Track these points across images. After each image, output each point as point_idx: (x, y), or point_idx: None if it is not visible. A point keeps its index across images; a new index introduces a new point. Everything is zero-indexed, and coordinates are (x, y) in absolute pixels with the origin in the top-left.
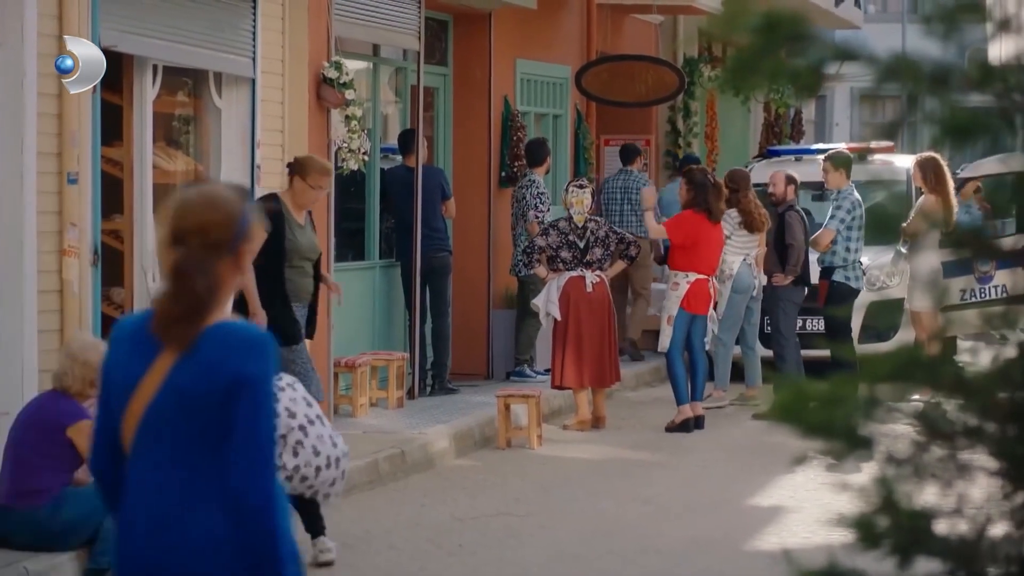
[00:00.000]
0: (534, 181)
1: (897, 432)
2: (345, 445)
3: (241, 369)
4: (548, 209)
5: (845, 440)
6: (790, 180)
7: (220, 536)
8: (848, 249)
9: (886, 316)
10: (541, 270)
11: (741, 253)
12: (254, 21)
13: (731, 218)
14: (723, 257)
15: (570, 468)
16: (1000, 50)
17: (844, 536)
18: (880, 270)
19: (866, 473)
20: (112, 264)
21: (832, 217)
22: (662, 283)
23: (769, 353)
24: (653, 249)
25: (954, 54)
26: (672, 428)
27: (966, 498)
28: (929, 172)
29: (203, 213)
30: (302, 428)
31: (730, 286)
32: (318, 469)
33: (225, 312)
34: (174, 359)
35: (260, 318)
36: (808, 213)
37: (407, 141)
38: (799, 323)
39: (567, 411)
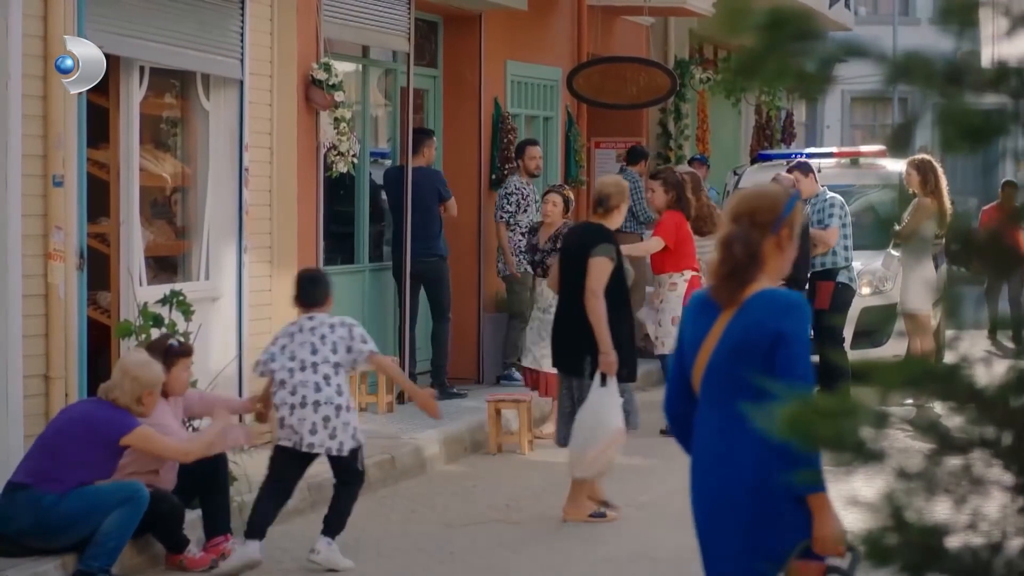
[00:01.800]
0: (505, 181)
1: (908, 445)
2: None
3: (780, 326)
4: (522, 208)
5: (855, 453)
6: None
7: (757, 470)
8: (847, 248)
9: (880, 321)
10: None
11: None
12: (242, 22)
13: None
14: None
15: (562, 474)
16: (998, 49)
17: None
18: (873, 274)
19: (874, 486)
20: (98, 268)
21: (831, 216)
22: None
23: None
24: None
25: (967, 52)
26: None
27: (980, 513)
28: (924, 174)
29: (754, 200)
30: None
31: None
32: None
33: (770, 283)
34: (728, 318)
35: (611, 359)
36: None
37: (416, 141)
38: None
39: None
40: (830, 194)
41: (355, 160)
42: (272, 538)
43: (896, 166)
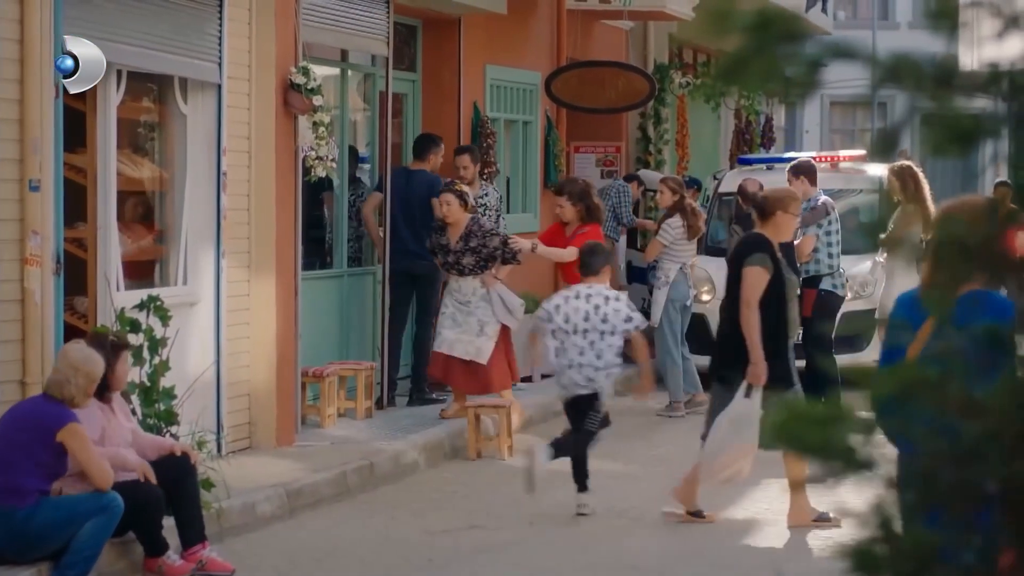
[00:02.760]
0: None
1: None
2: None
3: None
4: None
5: (844, 462)
6: (739, 192)
7: None
8: (831, 255)
9: (862, 326)
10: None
11: (679, 261)
12: (220, 26)
13: (672, 227)
14: (660, 264)
15: (541, 480)
16: (989, 51)
17: (823, 550)
18: (854, 279)
19: (863, 496)
20: (75, 273)
21: (809, 224)
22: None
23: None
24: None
25: (947, 55)
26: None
27: (973, 526)
28: (903, 181)
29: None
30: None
31: (666, 292)
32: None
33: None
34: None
35: (759, 370)
36: None
37: (423, 146)
38: None
39: (537, 421)
40: (822, 199)
41: (334, 165)
42: (249, 544)
43: (877, 170)
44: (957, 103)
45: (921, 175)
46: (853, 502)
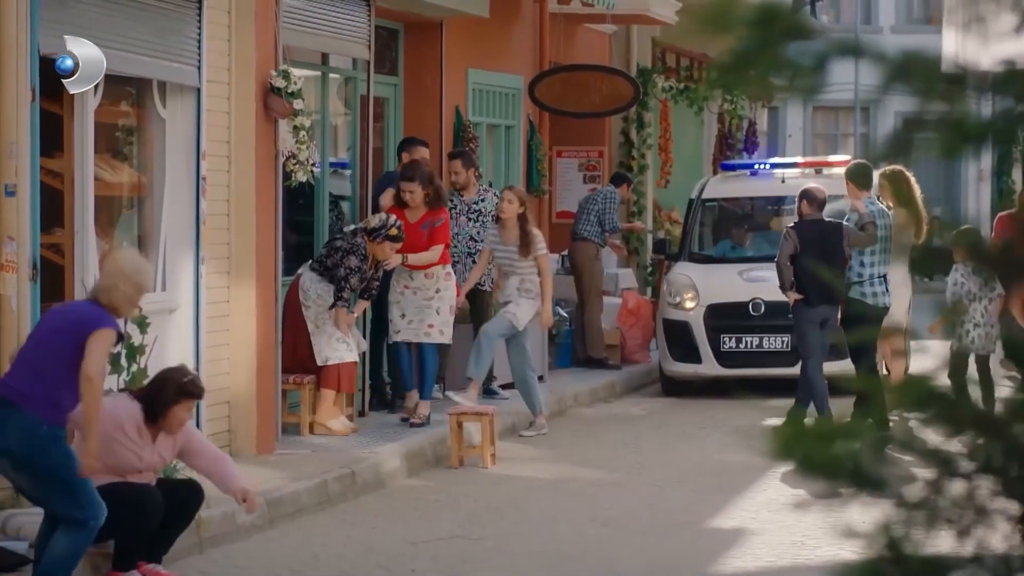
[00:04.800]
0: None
1: (908, 471)
2: None
3: None
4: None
5: (852, 481)
6: (803, 196)
7: None
8: (863, 264)
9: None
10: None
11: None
12: (199, 28)
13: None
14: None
15: (524, 488)
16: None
17: (812, 559)
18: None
19: (868, 514)
20: (52, 279)
21: (861, 245)
22: (615, 297)
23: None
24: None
25: (978, 52)
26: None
27: (985, 545)
28: (896, 185)
29: None
30: None
31: (535, 306)
32: None
33: None
34: None
35: None
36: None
37: (408, 149)
38: (757, 341)
39: (521, 427)
40: (876, 206)
41: (315, 169)
42: (229, 555)
43: None
44: (969, 103)
45: (913, 179)
46: (860, 521)
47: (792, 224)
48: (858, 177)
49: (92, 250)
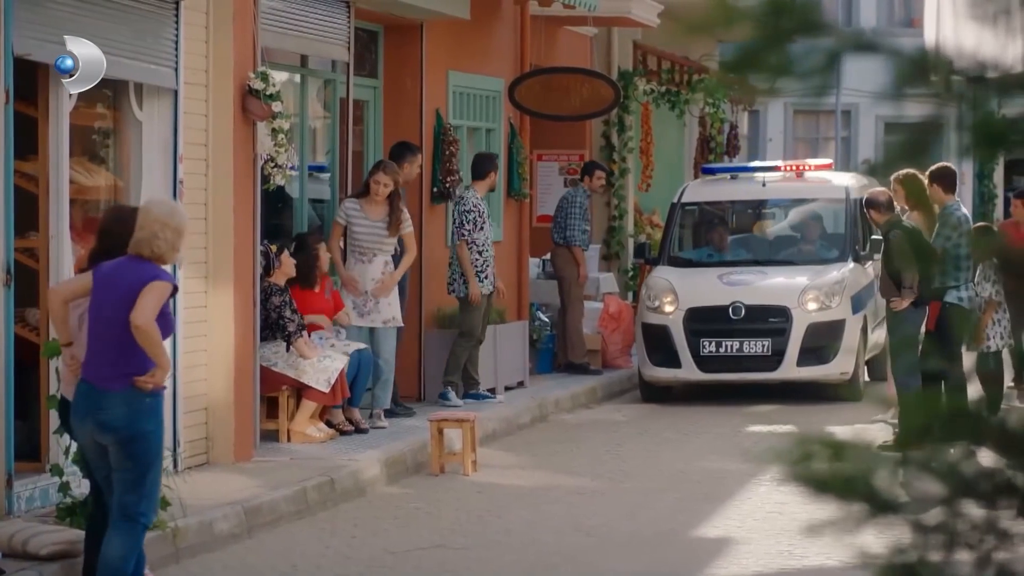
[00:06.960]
0: (463, 198)
1: (925, 492)
2: None
3: None
4: (479, 227)
5: (865, 502)
6: (869, 205)
7: None
8: (959, 268)
9: (826, 337)
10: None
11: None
12: (176, 30)
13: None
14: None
15: (506, 496)
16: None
17: (799, 568)
18: (819, 290)
19: (886, 539)
20: (26, 284)
21: (936, 235)
22: (596, 301)
23: None
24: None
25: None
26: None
27: (1007, 570)
28: (913, 188)
29: None
30: None
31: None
32: None
33: None
34: None
35: None
36: None
37: (397, 156)
38: (737, 345)
39: (501, 434)
40: (961, 210)
41: (293, 172)
42: (206, 565)
43: (843, 180)
44: (992, 103)
45: (925, 183)
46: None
47: (895, 224)
48: (944, 179)
49: (67, 254)
